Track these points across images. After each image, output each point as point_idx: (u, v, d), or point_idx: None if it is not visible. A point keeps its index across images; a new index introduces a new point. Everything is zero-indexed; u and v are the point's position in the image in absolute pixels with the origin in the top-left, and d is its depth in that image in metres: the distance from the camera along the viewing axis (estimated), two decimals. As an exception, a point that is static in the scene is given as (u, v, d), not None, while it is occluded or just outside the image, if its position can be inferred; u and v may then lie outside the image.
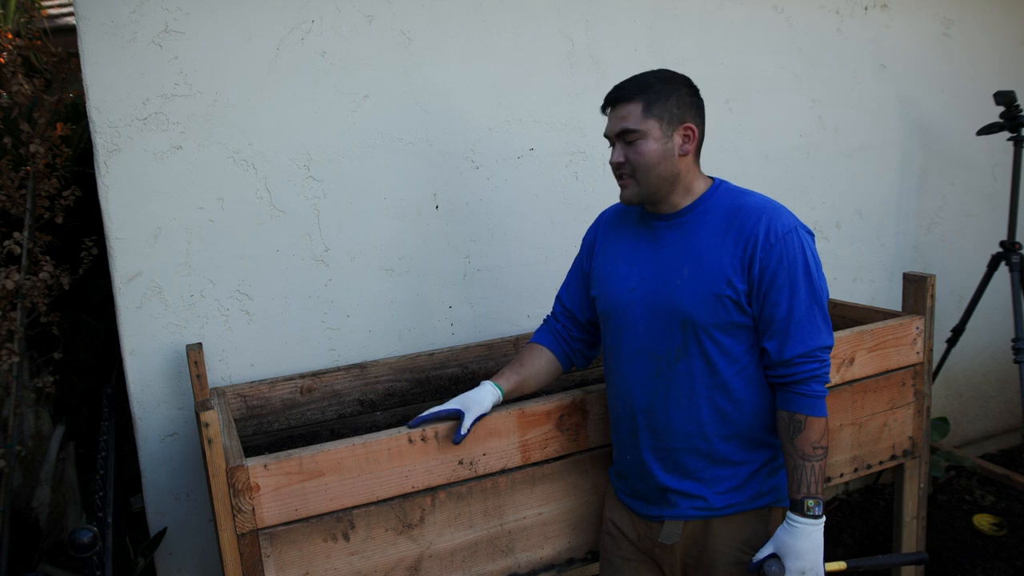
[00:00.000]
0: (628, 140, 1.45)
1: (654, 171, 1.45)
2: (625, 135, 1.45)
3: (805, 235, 1.43)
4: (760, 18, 2.67)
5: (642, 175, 1.46)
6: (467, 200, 2.26)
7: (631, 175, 1.47)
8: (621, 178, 1.50)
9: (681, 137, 1.46)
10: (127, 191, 1.87)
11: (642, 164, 1.45)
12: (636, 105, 1.44)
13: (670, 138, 1.45)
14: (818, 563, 1.39)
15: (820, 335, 1.42)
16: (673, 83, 1.47)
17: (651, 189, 1.47)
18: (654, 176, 1.46)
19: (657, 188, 1.47)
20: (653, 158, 1.44)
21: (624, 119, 1.45)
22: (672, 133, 1.45)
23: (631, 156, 1.46)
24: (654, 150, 1.44)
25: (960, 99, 3.14)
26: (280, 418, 1.99)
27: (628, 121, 1.44)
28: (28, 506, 2.50)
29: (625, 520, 1.62)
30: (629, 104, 1.45)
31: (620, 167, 1.48)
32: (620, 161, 1.47)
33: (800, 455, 1.41)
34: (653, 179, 1.46)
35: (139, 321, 1.91)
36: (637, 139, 1.44)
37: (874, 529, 2.90)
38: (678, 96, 1.46)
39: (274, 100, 1.99)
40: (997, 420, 3.51)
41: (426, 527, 1.57)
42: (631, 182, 1.48)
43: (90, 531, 1.26)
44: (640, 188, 1.48)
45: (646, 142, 1.44)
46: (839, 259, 2.95)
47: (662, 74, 1.47)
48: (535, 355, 1.72)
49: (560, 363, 1.73)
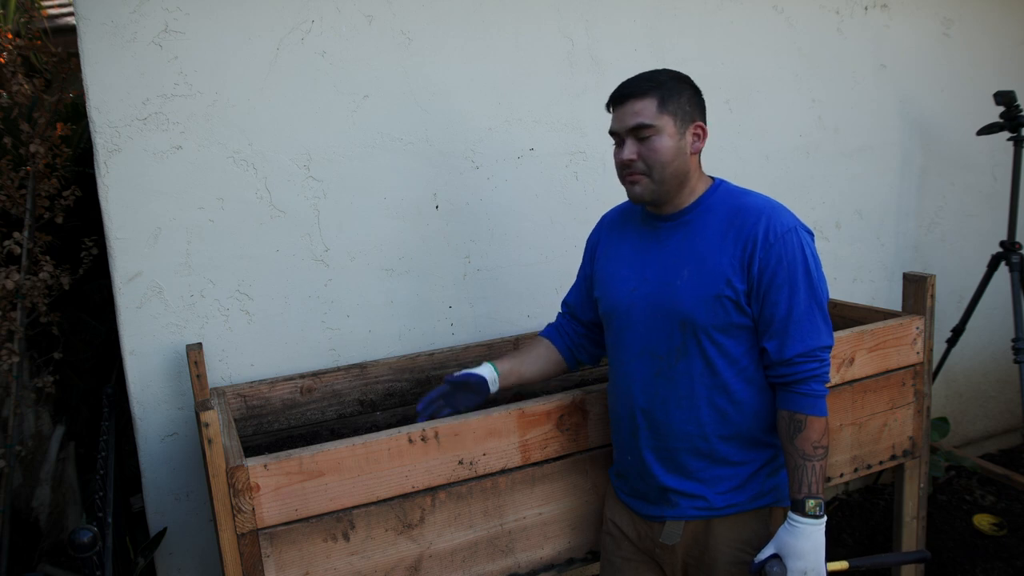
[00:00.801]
0: (641, 136, 1.43)
1: (669, 168, 1.44)
2: (639, 130, 1.43)
3: (804, 235, 1.43)
4: (760, 18, 2.67)
5: (657, 172, 1.44)
6: (467, 200, 2.26)
7: (644, 172, 1.44)
8: (631, 175, 1.46)
9: (692, 135, 1.46)
10: (127, 191, 1.87)
11: (657, 161, 1.43)
12: (651, 101, 1.42)
13: (683, 136, 1.44)
14: (820, 563, 1.39)
15: (820, 334, 1.42)
16: (682, 82, 1.47)
17: (664, 187, 1.45)
18: (669, 173, 1.44)
19: (669, 186, 1.46)
20: (668, 155, 1.43)
21: (638, 114, 1.42)
22: (685, 131, 1.44)
23: (644, 153, 1.43)
24: (669, 147, 1.43)
25: (960, 99, 3.14)
26: (280, 418, 1.99)
27: (643, 116, 1.42)
28: (28, 506, 2.50)
29: (625, 520, 1.61)
30: (643, 100, 1.42)
31: (631, 164, 1.45)
32: (632, 158, 1.44)
33: (801, 455, 1.41)
34: (668, 176, 1.44)
35: (139, 321, 1.91)
36: (652, 135, 1.42)
37: (874, 529, 2.90)
38: (688, 95, 1.46)
39: (274, 100, 1.99)
40: (997, 420, 3.51)
41: (426, 527, 1.57)
42: (644, 179, 1.45)
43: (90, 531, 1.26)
44: (654, 186, 1.45)
45: (661, 138, 1.42)
46: (839, 259, 2.95)
47: (670, 72, 1.47)
48: (535, 344, 1.77)
49: (562, 356, 1.76)
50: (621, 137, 1.47)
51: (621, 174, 1.49)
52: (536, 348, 1.77)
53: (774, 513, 1.52)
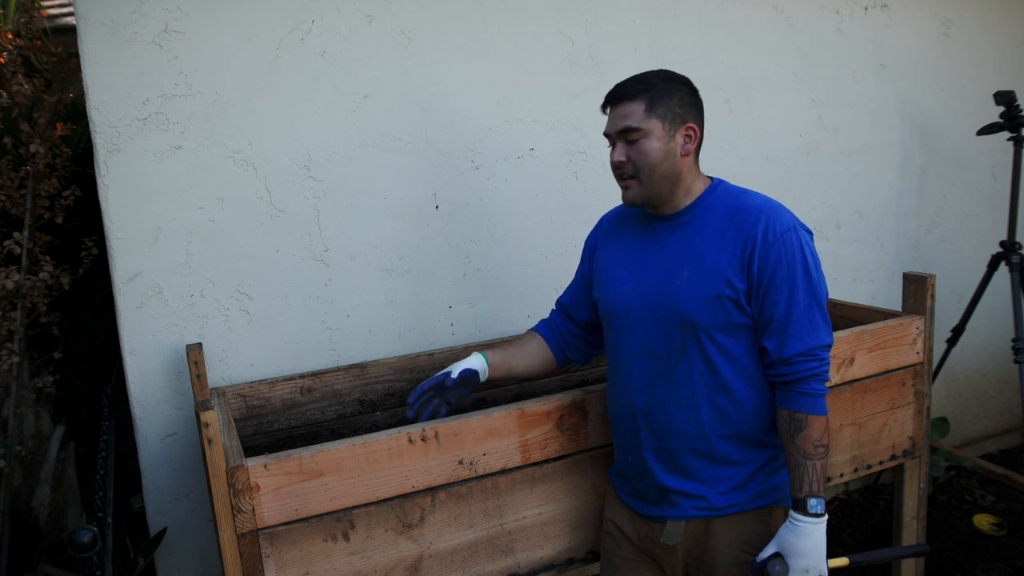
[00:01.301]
0: (630, 139, 1.45)
1: (657, 171, 1.45)
2: (627, 133, 1.44)
3: (804, 234, 1.43)
4: (760, 18, 2.67)
5: (645, 175, 1.45)
6: (467, 200, 2.26)
7: (633, 175, 1.47)
8: (623, 178, 1.49)
9: (683, 137, 1.46)
10: (127, 191, 1.87)
11: (645, 164, 1.44)
12: (639, 104, 1.43)
13: (672, 138, 1.45)
14: (821, 561, 1.39)
15: (819, 333, 1.42)
16: (674, 83, 1.47)
17: (654, 189, 1.47)
18: (657, 176, 1.45)
19: (660, 188, 1.47)
20: (656, 157, 1.44)
21: (626, 117, 1.44)
22: (674, 133, 1.45)
23: (633, 156, 1.45)
24: (657, 149, 1.44)
25: (960, 99, 3.14)
26: (280, 418, 1.99)
27: (630, 119, 1.43)
28: (28, 506, 2.50)
29: (625, 520, 1.61)
30: (632, 103, 1.44)
31: (622, 167, 1.47)
32: (622, 160, 1.46)
33: (801, 454, 1.41)
34: (656, 179, 1.45)
35: (139, 321, 1.91)
36: (640, 138, 1.44)
37: (874, 529, 2.90)
38: (680, 96, 1.46)
39: (274, 100, 1.99)
40: (997, 420, 3.51)
41: (426, 527, 1.57)
42: (634, 183, 1.47)
43: (90, 531, 1.26)
44: (643, 189, 1.47)
45: (648, 141, 1.43)
46: (839, 259, 2.95)
47: (663, 74, 1.47)
48: (527, 338, 1.78)
49: (553, 352, 1.76)
50: (613, 139, 1.49)
51: (615, 176, 1.51)
52: (529, 343, 1.76)
53: (774, 513, 1.52)
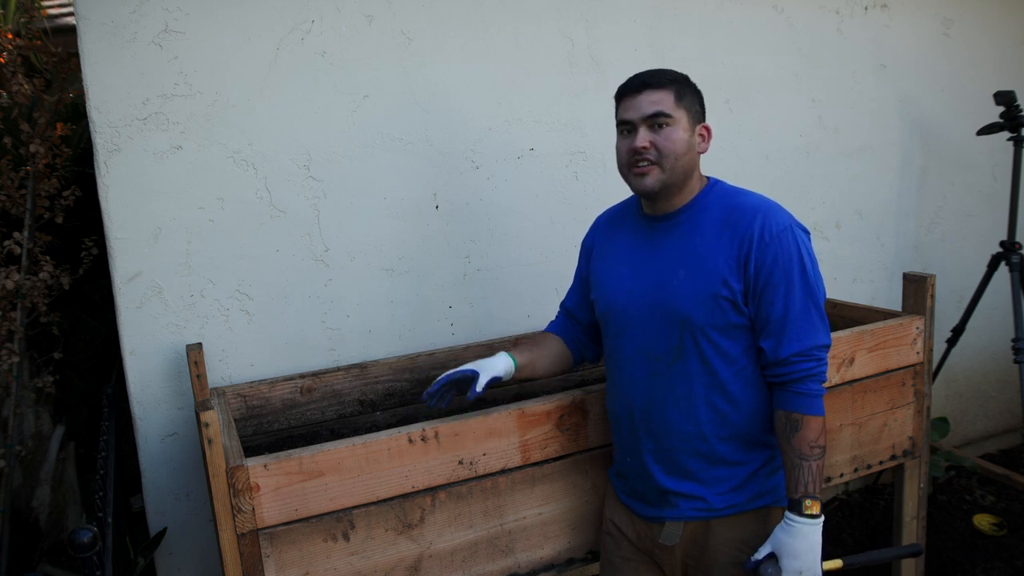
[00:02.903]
0: (659, 124, 1.42)
1: (680, 160, 1.43)
2: (656, 118, 1.42)
3: (800, 233, 1.43)
4: (760, 18, 2.67)
5: (669, 162, 1.43)
6: (467, 200, 2.26)
7: (655, 162, 1.43)
8: (641, 165, 1.44)
9: (699, 136, 1.47)
10: (127, 191, 1.87)
11: (671, 151, 1.42)
12: (669, 93, 1.43)
13: (693, 133, 1.46)
14: (815, 563, 1.39)
15: (816, 334, 1.42)
16: (691, 84, 1.49)
17: (674, 178, 1.44)
18: (680, 166, 1.44)
19: (677, 179, 1.45)
20: (682, 147, 1.43)
21: (657, 103, 1.42)
22: (695, 129, 1.46)
23: (659, 142, 1.42)
24: (683, 139, 1.43)
25: (960, 99, 3.14)
26: (280, 418, 1.99)
27: (662, 105, 1.42)
28: (28, 506, 2.50)
29: (625, 520, 1.62)
30: (662, 90, 1.43)
31: (644, 152, 1.42)
32: (645, 146, 1.42)
33: (798, 454, 1.41)
34: (678, 168, 1.44)
35: (139, 321, 1.91)
36: (669, 125, 1.42)
37: (874, 529, 2.90)
38: (698, 97, 1.48)
39: (274, 100, 1.99)
40: (997, 420, 3.50)
41: (426, 527, 1.57)
42: (655, 169, 1.43)
43: (90, 531, 1.26)
44: (664, 175, 1.43)
45: (676, 130, 1.43)
46: (839, 259, 2.95)
47: (680, 73, 1.49)
48: (549, 339, 1.75)
49: (571, 353, 1.75)
50: (634, 125, 1.44)
51: (629, 164, 1.46)
52: (550, 343, 1.74)
53: (773, 513, 1.52)
